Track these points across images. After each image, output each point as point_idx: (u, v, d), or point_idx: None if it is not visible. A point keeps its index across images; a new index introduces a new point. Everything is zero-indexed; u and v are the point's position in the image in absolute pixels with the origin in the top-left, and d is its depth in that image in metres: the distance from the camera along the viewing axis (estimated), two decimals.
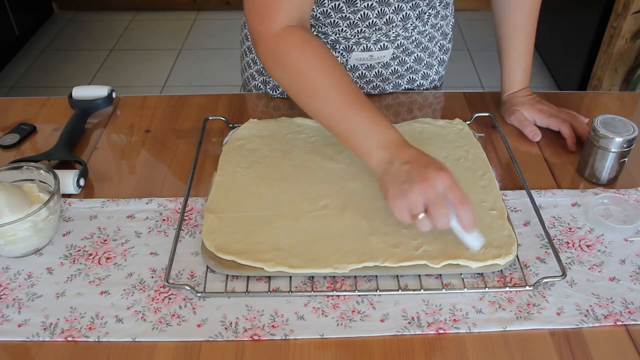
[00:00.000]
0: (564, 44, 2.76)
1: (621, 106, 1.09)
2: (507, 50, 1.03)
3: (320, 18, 0.96)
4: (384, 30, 0.97)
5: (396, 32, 0.99)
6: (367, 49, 1.01)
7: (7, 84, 2.92)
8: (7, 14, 2.99)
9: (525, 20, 1.00)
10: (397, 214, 0.72)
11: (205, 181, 0.89)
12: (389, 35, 0.99)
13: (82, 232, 0.80)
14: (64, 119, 1.00)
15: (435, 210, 0.69)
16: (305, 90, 0.79)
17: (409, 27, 0.99)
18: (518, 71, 1.03)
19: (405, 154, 0.73)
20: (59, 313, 0.69)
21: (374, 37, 0.99)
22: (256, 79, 1.12)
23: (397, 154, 0.73)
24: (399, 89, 1.11)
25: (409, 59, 1.07)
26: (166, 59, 3.15)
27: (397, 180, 0.71)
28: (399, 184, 0.71)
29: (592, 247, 0.78)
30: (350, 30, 0.97)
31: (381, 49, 1.02)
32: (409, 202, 0.70)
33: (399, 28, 0.98)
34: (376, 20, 0.95)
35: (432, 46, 1.08)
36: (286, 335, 0.67)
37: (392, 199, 0.72)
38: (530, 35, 1.01)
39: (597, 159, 0.87)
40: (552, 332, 0.68)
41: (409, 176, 0.70)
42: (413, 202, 0.69)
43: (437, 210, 0.69)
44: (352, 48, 1.00)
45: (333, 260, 0.72)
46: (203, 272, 0.74)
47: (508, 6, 1.00)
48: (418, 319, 0.69)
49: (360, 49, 1.01)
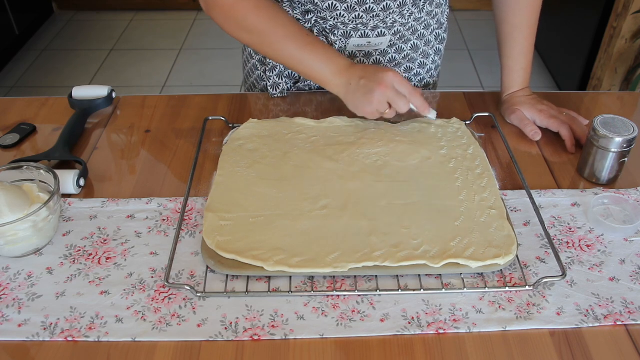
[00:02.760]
0: (564, 44, 2.76)
1: (621, 106, 1.09)
2: (507, 49, 1.03)
3: (317, 3, 0.98)
4: (382, 17, 0.99)
5: (393, 19, 1.00)
6: (364, 35, 1.02)
7: (7, 84, 2.92)
8: (7, 14, 2.99)
9: (526, 20, 1.00)
10: (369, 116, 0.90)
11: (205, 181, 0.89)
12: (386, 22, 1.01)
13: (82, 232, 0.80)
14: (64, 119, 1.00)
15: (396, 102, 0.87)
16: (266, 44, 0.94)
17: (405, 14, 1.01)
18: (518, 71, 1.03)
19: (356, 72, 0.89)
20: (59, 313, 0.69)
21: (372, 23, 1.00)
22: (258, 69, 1.13)
23: (350, 74, 0.89)
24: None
25: (406, 46, 1.07)
26: (166, 59, 3.15)
27: (360, 93, 0.88)
28: (363, 95, 0.87)
29: (592, 247, 0.78)
30: (348, 15, 0.98)
31: (379, 36, 1.03)
32: (377, 105, 0.87)
33: (396, 14, 1.00)
34: (373, 6, 0.97)
35: (427, 34, 1.09)
36: (286, 335, 0.67)
37: (361, 109, 0.89)
38: (531, 36, 1.02)
39: (597, 159, 0.87)
40: (552, 332, 0.68)
41: (368, 87, 0.87)
42: (379, 104, 0.87)
43: (398, 102, 0.87)
44: (350, 34, 1.02)
45: (333, 260, 0.72)
46: (203, 272, 0.74)
47: (508, 6, 1.00)
48: (418, 319, 0.69)
49: (358, 34, 1.02)
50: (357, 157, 0.89)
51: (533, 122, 1.00)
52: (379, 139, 0.93)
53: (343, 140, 0.93)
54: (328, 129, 0.96)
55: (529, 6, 1.00)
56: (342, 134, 0.95)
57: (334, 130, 0.96)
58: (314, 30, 1.02)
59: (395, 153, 0.90)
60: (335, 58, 0.90)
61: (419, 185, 0.84)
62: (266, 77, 1.08)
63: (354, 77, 0.88)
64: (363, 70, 0.88)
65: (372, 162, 0.88)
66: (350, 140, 0.93)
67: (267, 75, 1.08)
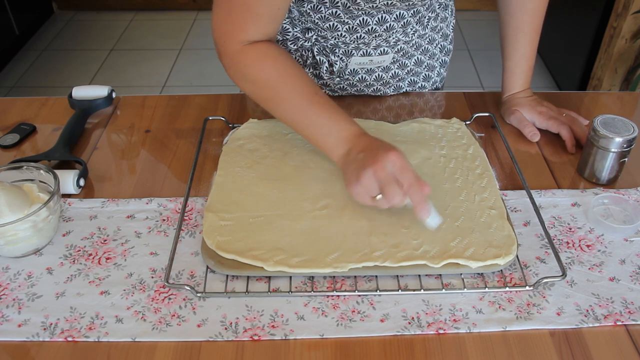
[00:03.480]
0: (564, 44, 2.76)
1: (621, 106, 1.09)
2: (510, 52, 1.02)
3: (318, 23, 0.96)
4: (384, 37, 0.97)
5: (396, 38, 0.99)
6: (366, 53, 1.01)
7: (7, 84, 2.92)
8: (7, 14, 2.99)
9: (529, 23, 1.00)
10: (357, 198, 0.76)
11: (205, 181, 0.89)
12: (389, 41, 0.99)
13: (82, 232, 0.80)
14: (64, 119, 1.00)
15: (387, 190, 0.73)
16: (268, 98, 0.85)
17: (409, 32, 0.99)
18: (519, 73, 1.03)
19: (360, 143, 0.78)
20: (59, 313, 0.69)
21: (374, 42, 0.98)
22: None
23: (353, 145, 0.78)
24: (400, 92, 1.11)
25: (409, 62, 1.06)
26: (166, 59, 3.15)
27: (353, 167, 0.76)
28: (355, 170, 0.75)
29: (592, 247, 0.78)
30: (350, 36, 0.96)
31: (381, 54, 1.01)
32: (365, 186, 0.74)
33: (399, 34, 0.98)
34: (376, 27, 0.95)
35: (432, 48, 1.08)
36: (286, 335, 0.67)
37: (350, 186, 0.77)
38: (534, 39, 1.01)
39: (597, 159, 0.87)
40: (552, 332, 0.68)
41: (362, 162, 0.75)
42: (367, 185, 0.74)
43: (389, 190, 0.73)
44: (351, 53, 1.00)
45: (333, 260, 0.72)
46: (203, 272, 0.74)
47: (513, 9, 1.00)
48: (418, 319, 0.69)
49: (360, 53, 1.00)
50: None
51: (532, 124, 1.00)
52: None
53: None
54: None
55: (534, 10, 0.99)
56: None
57: None
58: (314, 49, 1.00)
59: None
60: (344, 123, 0.80)
61: None
62: None
63: (356, 148, 0.77)
64: (368, 142, 0.77)
65: None
66: None
67: None
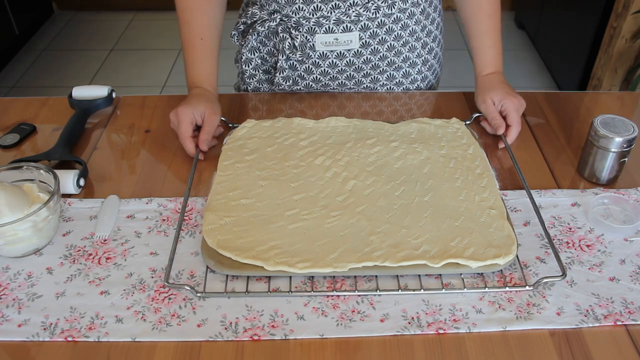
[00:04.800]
0: (564, 44, 2.76)
1: (621, 106, 1.09)
2: (472, 30, 1.03)
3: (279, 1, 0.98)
4: (342, 9, 0.98)
5: (357, 12, 0.99)
6: (329, 30, 1.01)
7: (7, 84, 2.92)
8: (7, 14, 2.99)
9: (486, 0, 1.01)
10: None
11: (205, 181, 0.89)
12: (349, 14, 0.99)
13: (82, 232, 0.80)
14: (64, 119, 1.00)
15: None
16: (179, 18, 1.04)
17: (370, 7, 0.99)
18: (488, 48, 1.03)
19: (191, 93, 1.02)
20: (59, 313, 0.69)
21: (333, 16, 0.99)
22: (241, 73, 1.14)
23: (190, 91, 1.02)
24: (385, 87, 1.10)
25: (382, 47, 1.05)
26: (166, 59, 3.15)
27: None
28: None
29: (592, 247, 0.78)
30: (307, 7, 0.98)
31: (345, 31, 1.01)
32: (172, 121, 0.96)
33: (359, 7, 0.99)
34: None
35: (412, 40, 1.07)
36: (286, 335, 0.67)
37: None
38: (495, 13, 1.02)
39: (597, 159, 0.87)
40: (552, 332, 0.68)
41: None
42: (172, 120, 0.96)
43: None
44: (314, 29, 1.01)
45: (333, 260, 0.72)
46: (203, 272, 0.74)
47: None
48: (418, 319, 0.69)
49: (323, 30, 1.01)
50: (357, 157, 0.89)
51: (500, 115, 0.98)
52: (378, 139, 0.93)
53: (342, 140, 0.93)
54: (327, 129, 0.96)
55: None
56: (341, 134, 0.95)
57: (333, 131, 0.96)
58: (278, 29, 1.01)
59: (395, 153, 0.90)
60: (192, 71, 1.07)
61: (418, 186, 0.84)
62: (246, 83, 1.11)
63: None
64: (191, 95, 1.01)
65: (371, 162, 0.88)
66: (349, 140, 0.93)
67: (247, 82, 1.11)
